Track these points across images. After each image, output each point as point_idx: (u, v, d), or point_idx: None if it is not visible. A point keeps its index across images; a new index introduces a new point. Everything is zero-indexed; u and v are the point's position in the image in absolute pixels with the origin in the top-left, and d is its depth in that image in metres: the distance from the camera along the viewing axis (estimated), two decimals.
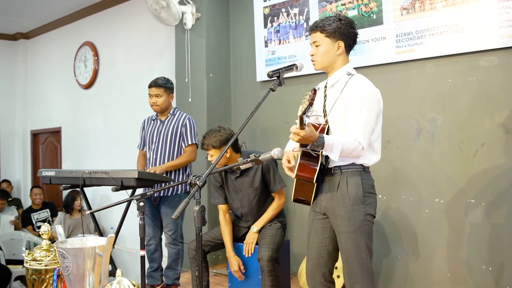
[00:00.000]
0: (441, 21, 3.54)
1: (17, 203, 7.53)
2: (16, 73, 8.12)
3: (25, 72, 8.09)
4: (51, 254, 1.98)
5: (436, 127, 3.64)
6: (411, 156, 3.78)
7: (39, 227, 6.62)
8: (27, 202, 7.35)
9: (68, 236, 6.02)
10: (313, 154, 2.45)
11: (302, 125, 2.20)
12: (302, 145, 2.39)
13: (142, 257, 2.50)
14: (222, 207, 3.60)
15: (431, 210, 3.67)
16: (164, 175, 3.81)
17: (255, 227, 3.49)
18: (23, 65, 8.09)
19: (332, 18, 2.57)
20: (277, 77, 2.50)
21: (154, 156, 4.00)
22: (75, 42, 7.00)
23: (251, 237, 3.49)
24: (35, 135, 7.99)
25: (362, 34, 3.92)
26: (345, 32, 2.56)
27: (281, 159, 2.60)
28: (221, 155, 2.36)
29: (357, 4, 4.01)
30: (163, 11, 4.65)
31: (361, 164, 2.55)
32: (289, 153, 2.62)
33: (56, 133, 7.53)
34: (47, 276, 1.96)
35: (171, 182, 3.79)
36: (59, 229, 2.02)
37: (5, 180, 7.64)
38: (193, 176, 2.23)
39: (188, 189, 4.04)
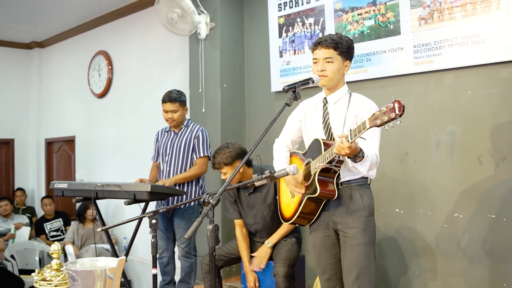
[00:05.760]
0: (461, 32, 3.46)
1: (31, 211, 7.54)
2: (30, 81, 8.14)
3: (39, 81, 8.11)
4: (61, 274, 1.93)
5: (455, 140, 3.55)
6: (429, 169, 3.68)
7: (52, 237, 6.65)
8: (41, 211, 7.35)
9: (81, 246, 6.01)
10: (336, 169, 2.49)
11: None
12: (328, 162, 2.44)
13: (154, 276, 2.44)
14: (238, 222, 3.55)
15: (450, 225, 3.56)
16: (176, 187, 3.77)
17: (269, 243, 3.43)
18: (37, 74, 8.11)
19: (339, 36, 2.66)
20: (293, 91, 2.47)
21: (168, 168, 3.97)
22: (89, 51, 7.01)
23: (263, 252, 3.42)
24: (49, 143, 7.99)
25: (379, 44, 3.88)
26: (351, 53, 2.68)
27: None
28: (235, 172, 2.30)
29: (374, 14, 3.94)
30: (180, 20, 4.61)
31: (367, 177, 2.64)
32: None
33: (70, 141, 7.52)
34: None
35: (184, 195, 3.74)
36: (69, 249, 1.98)
37: (19, 189, 7.66)
38: (207, 194, 2.17)
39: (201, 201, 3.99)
